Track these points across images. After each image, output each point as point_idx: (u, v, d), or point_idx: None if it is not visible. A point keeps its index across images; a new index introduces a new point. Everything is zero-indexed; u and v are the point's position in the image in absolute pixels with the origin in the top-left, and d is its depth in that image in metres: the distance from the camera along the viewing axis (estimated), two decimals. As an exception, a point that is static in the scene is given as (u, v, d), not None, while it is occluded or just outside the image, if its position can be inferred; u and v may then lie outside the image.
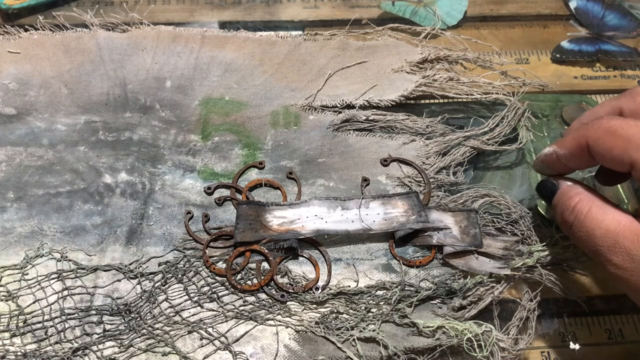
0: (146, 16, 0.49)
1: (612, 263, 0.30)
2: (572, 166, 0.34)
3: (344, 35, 0.49)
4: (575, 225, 0.32)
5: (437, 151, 0.43)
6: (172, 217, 0.39)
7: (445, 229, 0.38)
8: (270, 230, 0.38)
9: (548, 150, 0.35)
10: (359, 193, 0.41)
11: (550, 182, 0.35)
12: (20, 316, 0.35)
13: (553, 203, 0.35)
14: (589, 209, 0.32)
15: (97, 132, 0.43)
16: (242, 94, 0.45)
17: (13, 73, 0.45)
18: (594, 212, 0.31)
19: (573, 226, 0.33)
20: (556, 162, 0.34)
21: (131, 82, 0.45)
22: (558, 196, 0.34)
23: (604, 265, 0.31)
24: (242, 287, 0.36)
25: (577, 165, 0.34)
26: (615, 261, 0.30)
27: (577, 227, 0.32)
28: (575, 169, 0.35)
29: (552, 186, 0.35)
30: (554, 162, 0.35)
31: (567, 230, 0.34)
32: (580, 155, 0.32)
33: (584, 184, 0.34)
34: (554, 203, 0.35)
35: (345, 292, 0.37)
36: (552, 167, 0.35)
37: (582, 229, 0.32)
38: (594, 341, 0.37)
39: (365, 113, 0.44)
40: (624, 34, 0.53)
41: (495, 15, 0.55)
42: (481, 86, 0.46)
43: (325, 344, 0.35)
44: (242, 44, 0.48)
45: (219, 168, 0.42)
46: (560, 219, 0.34)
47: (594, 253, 0.32)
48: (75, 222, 0.39)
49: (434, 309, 0.36)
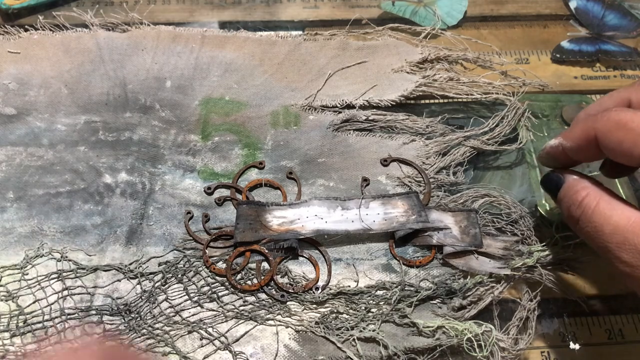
0: (146, 16, 0.49)
1: (622, 260, 0.29)
2: (579, 159, 0.33)
3: (344, 35, 0.49)
4: (583, 220, 0.31)
5: (437, 151, 0.43)
6: (172, 217, 0.39)
7: (445, 229, 0.38)
8: (270, 230, 0.38)
9: (554, 142, 0.34)
10: (359, 193, 0.41)
11: (556, 176, 0.34)
12: (20, 316, 0.35)
13: (559, 197, 0.34)
14: (597, 204, 0.31)
15: (97, 132, 0.43)
16: (242, 94, 0.45)
17: (13, 73, 0.45)
18: (602, 207, 0.30)
19: (580, 221, 0.32)
20: (562, 154, 0.33)
21: (131, 82, 0.45)
22: (564, 190, 0.33)
23: (613, 262, 0.30)
24: (242, 287, 0.36)
25: (583, 157, 0.33)
26: (625, 258, 0.29)
27: (585, 223, 0.31)
28: (581, 161, 0.34)
29: (558, 179, 0.34)
30: (559, 154, 0.34)
31: (573, 225, 0.33)
32: (588, 148, 0.31)
33: (591, 178, 0.33)
34: (559, 197, 0.34)
35: (345, 292, 0.37)
36: (558, 159, 0.34)
37: (590, 224, 0.31)
38: (594, 341, 0.37)
39: (365, 113, 0.44)
40: (624, 34, 0.53)
41: (495, 15, 0.55)
42: (481, 86, 0.46)
43: (325, 344, 0.35)
44: (242, 44, 0.48)
45: (219, 168, 0.42)
46: (567, 213, 0.33)
47: (602, 250, 0.31)
48: (75, 222, 0.39)
49: (434, 309, 0.36)
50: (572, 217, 0.32)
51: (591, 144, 0.31)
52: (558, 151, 0.34)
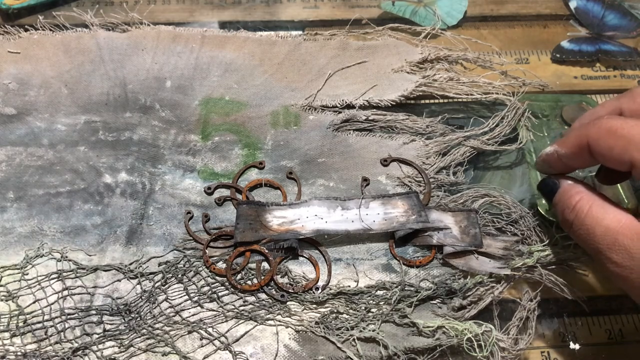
0: (146, 16, 0.49)
1: (612, 261, 0.30)
2: (573, 165, 0.35)
3: (344, 35, 0.49)
4: (576, 223, 0.33)
5: (437, 151, 0.43)
6: (172, 217, 0.39)
7: (445, 229, 0.38)
8: (270, 230, 0.38)
9: (549, 149, 0.35)
10: (359, 193, 0.41)
11: (552, 181, 0.36)
12: (20, 316, 0.35)
13: (554, 201, 0.35)
14: (590, 208, 0.32)
15: (97, 132, 0.43)
16: (242, 94, 0.45)
17: (13, 73, 0.45)
18: (595, 211, 0.32)
19: (573, 224, 0.33)
20: (557, 161, 0.35)
21: (131, 82, 0.45)
22: (559, 195, 0.35)
23: (604, 263, 0.31)
24: (242, 287, 0.36)
25: (577, 164, 0.34)
26: (615, 259, 0.30)
27: (578, 226, 0.33)
28: (576, 168, 0.35)
29: (553, 185, 0.35)
30: (555, 161, 0.35)
31: (567, 228, 0.34)
32: (581, 155, 0.33)
33: (585, 183, 0.34)
34: (554, 201, 0.35)
35: (345, 292, 0.37)
36: (554, 166, 0.35)
37: (583, 227, 0.32)
38: (594, 341, 0.37)
39: (365, 113, 0.44)
40: (624, 34, 0.53)
41: (495, 15, 0.55)
42: (481, 86, 0.46)
43: (325, 344, 0.35)
44: (242, 44, 0.48)
45: (219, 168, 0.42)
46: (561, 217, 0.34)
47: (594, 251, 0.32)
48: (75, 222, 0.39)
49: (434, 309, 0.36)
50: (566, 220, 0.34)
51: (584, 150, 0.32)
52: (553, 158, 0.35)
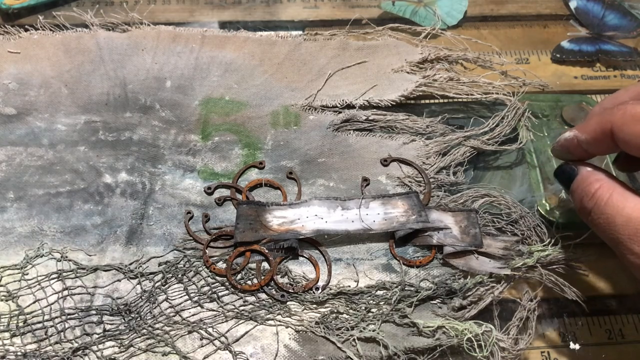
0: (146, 16, 0.49)
1: (633, 252, 0.29)
2: (593, 152, 0.33)
3: (344, 35, 0.49)
4: (595, 212, 0.32)
5: (437, 151, 0.43)
6: (172, 217, 0.39)
7: (445, 229, 0.38)
8: (270, 230, 0.38)
9: (568, 134, 0.34)
10: (359, 193, 0.41)
11: (570, 167, 0.34)
12: (20, 316, 0.35)
13: (571, 189, 0.34)
14: (610, 196, 0.31)
15: (97, 132, 0.43)
16: (242, 94, 0.45)
17: (13, 73, 0.45)
18: (615, 199, 0.31)
19: (592, 213, 0.32)
20: (577, 147, 0.33)
21: (131, 82, 0.45)
22: (577, 182, 0.33)
23: (624, 254, 0.30)
24: (242, 287, 0.36)
25: (598, 150, 0.33)
26: (636, 250, 0.29)
27: (597, 214, 0.31)
28: (595, 154, 0.34)
29: (571, 171, 0.34)
30: (574, 147, 0.34)
31: (585, 217, 0.33)
32: (603, 141, 0.32)
33: (605, 170, 0.33)
34: (572, 188, 0.34)
35: (345, 292, 0.37)
36: (572, 152, 0.34)
37: (602, 216, 0.31)
38: (594, 341, 0.37)
39: (365, 113, 0.44)
40: (624, 34, 0.53)
41: (495, 15, 0.55)
42: (481, 86, 0.46)
43: (325, 344, 0.35)
44: (242, 44, 0.48)
45: (219, 168, 0.42)
46: (579, 205, 0.33)
47: (613, 241, 0.31)
48: (75, 222, 0.39)
49: (434, 309, 0.36)
50: (584, 208, 0.33)
51: (606, 136, 0.31)
52: (573, 144, 0.34)
